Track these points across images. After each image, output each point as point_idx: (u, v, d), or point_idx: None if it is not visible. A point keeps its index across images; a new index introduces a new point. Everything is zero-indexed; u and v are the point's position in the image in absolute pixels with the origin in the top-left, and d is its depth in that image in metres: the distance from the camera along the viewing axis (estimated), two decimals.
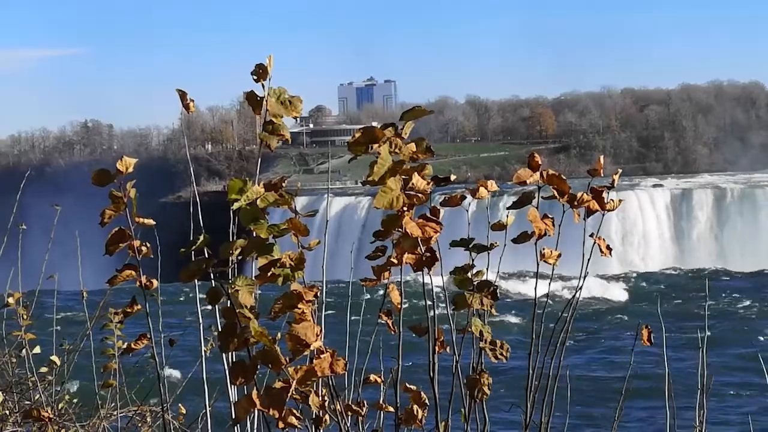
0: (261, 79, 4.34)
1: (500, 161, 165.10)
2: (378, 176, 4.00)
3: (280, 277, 3.95)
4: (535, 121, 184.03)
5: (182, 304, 49.33)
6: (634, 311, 62.12)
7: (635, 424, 28.81)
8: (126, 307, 4.67)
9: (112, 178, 4.45)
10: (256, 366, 3.93)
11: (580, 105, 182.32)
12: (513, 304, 58.19)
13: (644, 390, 27.16)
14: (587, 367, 41.42)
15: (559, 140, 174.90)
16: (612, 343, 49.54)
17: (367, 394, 4.80)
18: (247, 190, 3.90)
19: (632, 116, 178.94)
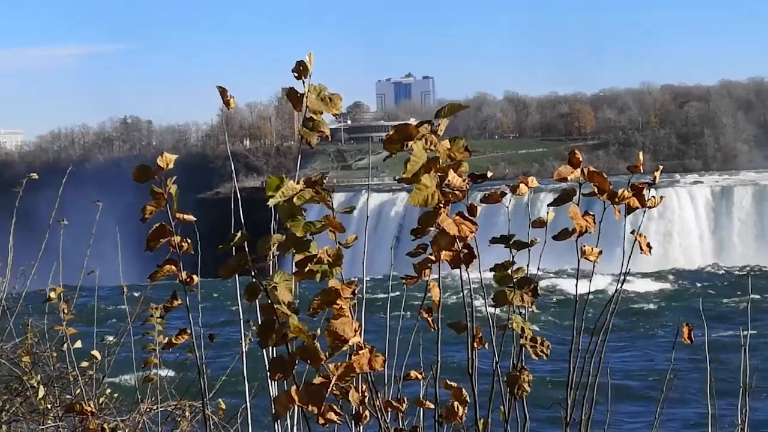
0: (301, 76, 4.33)
1: (538, 158, 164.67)
2: (412, 173, 3.99)
3: (317, 273, 3.95)
4: (574, 117, 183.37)
5: (220, 300, 49.55)
6: (673, 309, 61.78)
7: (676, 423, 28.64)
8: (167, 302, 4.68)
9: (153, 174, 4.46)
10: (295, 362, 3.93)
11: (619, 101, 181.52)
12: (553, 301, 57.97)
13: (685, 388, 27.02)
14: (627, 364, 41.21)
15: (597, 137, 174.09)
16: (652, 341, 49.29)
17: (407, 390, 4.80)
18: (284, 187, 3.90)
19: (671, 112, 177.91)
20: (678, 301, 66.50)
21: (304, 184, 3.98)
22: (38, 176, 8.55)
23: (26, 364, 8.37)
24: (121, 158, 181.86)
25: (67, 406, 5.74)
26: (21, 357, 8.44)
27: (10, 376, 8.38)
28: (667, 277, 78.93)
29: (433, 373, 4.59)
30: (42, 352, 8.70)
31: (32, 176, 8.54)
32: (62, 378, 8.54)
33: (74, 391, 8.36)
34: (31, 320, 8.95)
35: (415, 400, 4.73)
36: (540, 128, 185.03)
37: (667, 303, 66.14)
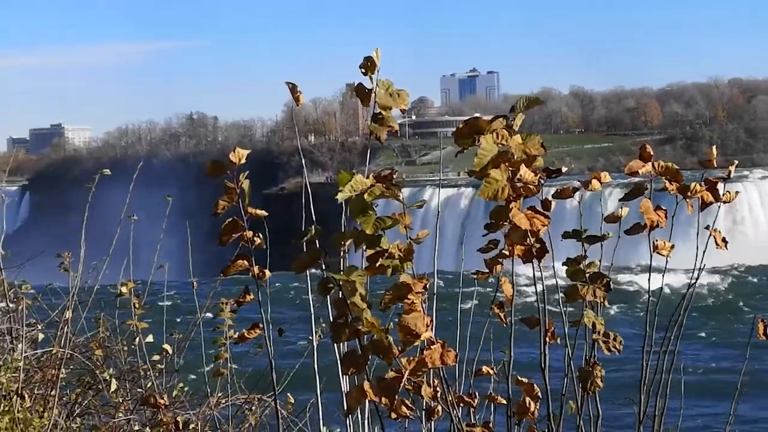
0: (369, 72, 4.34)
1: (604, 153, 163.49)
2: (480, 167, 3.98)
3: (388, 268, 3.96)
4: (640, 111, 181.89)
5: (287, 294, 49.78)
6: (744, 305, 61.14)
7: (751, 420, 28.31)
8: (239, 297, 4.72)
9: (226, 169, 4.50)
10: (368, 356, 3.94)
11: (686, 95, 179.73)
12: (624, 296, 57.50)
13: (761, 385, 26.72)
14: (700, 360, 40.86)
15: (664, 131, 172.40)
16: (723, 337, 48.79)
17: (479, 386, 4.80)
18: (354, 182, 3.91)
19: (739, 106, 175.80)
20: (748, 297, 65.77)
21: (374, 179, 3.99)
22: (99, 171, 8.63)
23: (98, 357, 8.47)
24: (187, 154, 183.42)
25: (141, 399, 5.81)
26: (93, 351, 8.53)
27: (83, 370, 8.48)
28: (737, 272, 78.06)
29: (505, 368, 4.58)
30: (114, 346, 8.79)
31: (105, 172, 8.61)
32: (133, 371, 8.63)
33: (145, 385, 8.44)
34: (102, 314, 9.04)
35: (486, 396, 4.73)
36: (606, 123, 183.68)
37: (738, 298, 65.44)
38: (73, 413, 8.03)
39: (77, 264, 8.48)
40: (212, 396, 8.27)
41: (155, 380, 8.16)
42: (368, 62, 4.33)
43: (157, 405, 5.29)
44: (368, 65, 4.33)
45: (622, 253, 4.86)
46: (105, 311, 9.14)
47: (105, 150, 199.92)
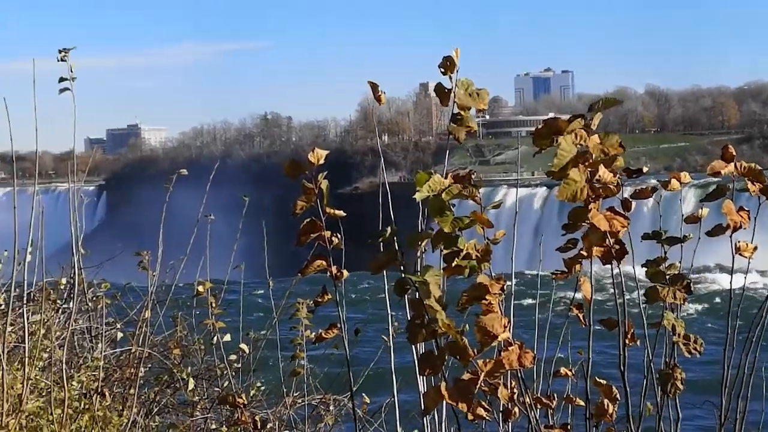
0: (448, 71, 4.32)
1: (680, 152, 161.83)
2: (559, 167, 3.94)
3: (466, 268, 3.94)
4: (717, 111, 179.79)
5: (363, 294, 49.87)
6: None
7: None
8: (317, 297, 4.72)
9: (304, 170, 4.50)
10: (444, 357, 3.93)
11: (764, 94, 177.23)
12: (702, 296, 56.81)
13: None
14: None
15: (741, 131, 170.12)
16: None
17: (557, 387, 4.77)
18: (432, 182, 3.89)
19: None
20: None
21: (452, 179, 3.98)
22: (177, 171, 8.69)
23: (176, 356, 8.54)
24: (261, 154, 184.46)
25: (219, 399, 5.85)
26: (171, 350, 8.61)
27: (161, 369, 8.56)
28: None
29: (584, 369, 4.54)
30: (191, 345, 8.86)
31: (182, 172, 8.68)
32: (210, 371, 8.69)
33: (222, 384, 8.50)
34: (180, 313, 9.12)
35: (565, 397, 4.70)
36: (682, 122, 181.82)
37: None
38: (151, 412, 8.10)
39: (155, 263, 8.56)
40: (288, 396, 8.32)
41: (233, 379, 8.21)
42: (447, 62, 4.32)
43: (236, 404, 5.32)
44: (447, 65, 4.31)
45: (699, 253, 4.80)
46: (182, 310, 9.22)
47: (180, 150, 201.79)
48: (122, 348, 8.24)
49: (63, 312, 8.22)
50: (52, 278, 8.30)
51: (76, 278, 7.84)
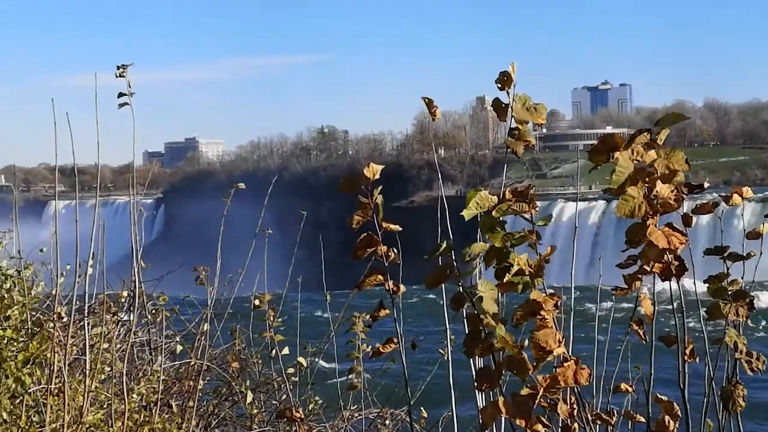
0: (505, 86, 4.31)
1: (740, 166, 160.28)
2: (617, 184, 3.92)
3: (519, 284, 3.94)
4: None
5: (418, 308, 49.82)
6: None
7: None
8: (374, 311, 4.73)
9: (359, 184, 4.51)
10: (502, 372, 3.92)
11: None
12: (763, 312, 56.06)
13: None
14: None
15: None
16: None
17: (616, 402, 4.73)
18: (480, 199, 3.89)
19: None
20: None
21: (511, 194, 3.97)
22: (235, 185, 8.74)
23: (234, 369, 8.57)
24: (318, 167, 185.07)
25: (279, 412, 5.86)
26: (229, 363, 8.64)
27: (219, 382, 8.60)
28: None
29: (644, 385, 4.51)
30: (248, 358, 8.89)
31: (239, 186, 8.72)
32: (268, 384, 8.71)
33: (280, 397, 8.52)
34: (238, 326, 9.16)
35: (625, 413, 4.66)
36: (741, 135, 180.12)
37: None
38: (210, 424, 8.15)
39: (213, 276, 8.61)
40: (346, 409, 8.33)
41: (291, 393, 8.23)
42: (504, 76, 4.31)
43: (294, 418, 5.33)
44: (504, 79, 4.31)
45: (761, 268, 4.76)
46: (240, 323, 9.26)
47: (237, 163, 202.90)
48: (181, 361, 8.29)
49: (123, 325, 8.28)
50: (113, 291, 8.37)
51: (137, 291, 7.91)
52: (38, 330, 6.83)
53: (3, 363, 6.60)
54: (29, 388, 6.57)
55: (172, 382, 8.00)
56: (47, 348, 6.61)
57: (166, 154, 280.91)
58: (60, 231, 7.45)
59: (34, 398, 6.63)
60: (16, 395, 6.60)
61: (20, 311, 6.87)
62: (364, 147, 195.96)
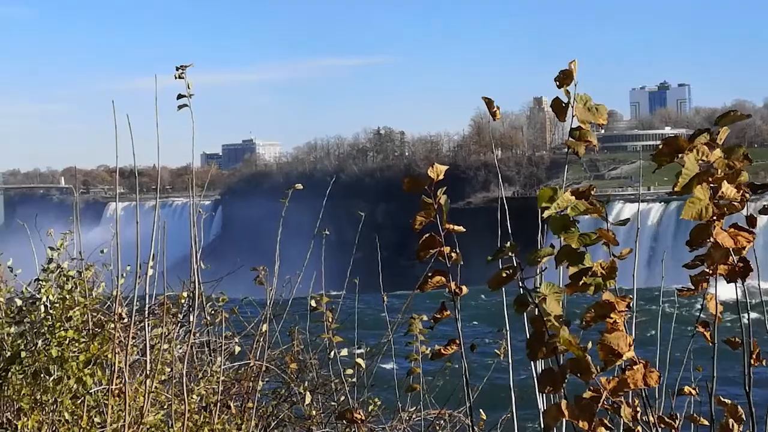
0: (565, 85, 4.27)
1: None
2: (683, 186, 3.86)
3: (591, 286, 3.89)
4: None
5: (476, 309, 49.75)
6: None
7: None
8: (435, 313, 4.70)
9: (423, 185, 4.49)
10: (566, 375, 3.88)
11: None
12: None
13: None
14: None
15: None
16: None
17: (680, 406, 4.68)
18: (558, 198, 3.85)
19: None
20: None
21: (573, 195, 3.93)
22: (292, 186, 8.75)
23: (292, 371, 8.58)
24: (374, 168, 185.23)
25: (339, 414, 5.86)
26: (287, 364, 8.65)
27: (278, 383, 8.61)
28: None
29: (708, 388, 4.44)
30: (307, 360, 8.90)
31: (297, 187, 8.73)
32: (326, 385, 8.72)
33: (338, 398, 8.52)
34: (296, 328, 9.17)
35: (688, 417, 4.60)
36: None
37: None
38: (269, 425, 8.16)
39: (271, 278, 8.62)
40: (404, 411, 8.31)
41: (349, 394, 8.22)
42: (564, 75, 4.27)
43: (354, 420, 5.32)
44: (564, 78, 4.27)
45: None
46: (298, 324, 9.27)
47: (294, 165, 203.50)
48: (240, 362, 8.30)
49: (182, 326, 8.32)
50: (173, 292, 8.41)
51: (196, 292, 7.94)
52: (99, 331, 6.88)
53: (65, 363, 6.66)
54: (91, 388, 6.62)
55: (231, 383, 8.02)
56: (108, 349, 6.66)
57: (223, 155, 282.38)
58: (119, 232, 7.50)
59: (95, 399, 6.68)
60: (78, 396, 6.66)
61: (82, 312, 6.92)
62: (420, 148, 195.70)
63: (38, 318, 6.89)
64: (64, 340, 6.74)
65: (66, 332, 6.75)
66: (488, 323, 31.43)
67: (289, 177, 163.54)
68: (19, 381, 6.75)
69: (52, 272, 7.13)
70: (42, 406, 6.67)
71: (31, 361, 6.72)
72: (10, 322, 7.00)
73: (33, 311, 6.94)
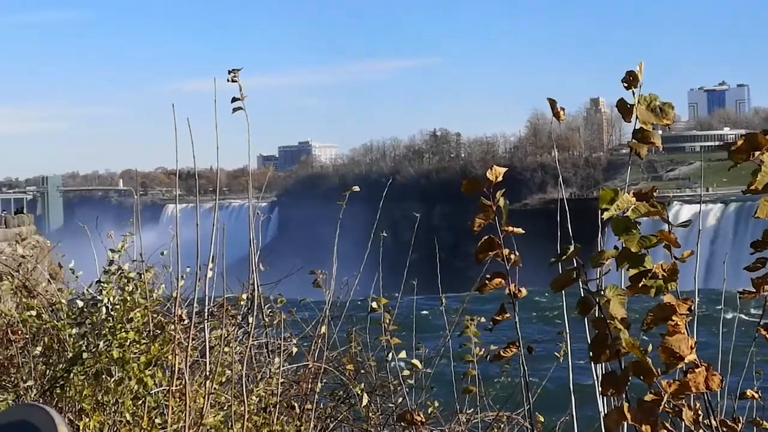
0: (631, 86, 4.24)
1: None
2: (762, 185, 3.81)
3: (652, 288, 3.86)
4: None
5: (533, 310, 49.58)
6: None
7: None
8: (495, 315, 4.69)
9: (482, 186, 4.48)
10: (628, 378, 3.86)
11: None
12: None
13: None
14: None
15: None
16: None
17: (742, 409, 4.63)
18: (619, 200, 3.83)
19: None
20: None
21: (634, 197, 3.90)
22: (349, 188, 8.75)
23: (350, 372, 8.59)
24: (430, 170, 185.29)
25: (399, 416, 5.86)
26: (345, 365, 8.67)
27: (336, 384, 8.63)
28: None
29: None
30: (365, 361, 8.91)
31: (354, 189, 8.74)
32: (384, 386, 8.72)
33: (396, 400, 8.52)
34: (354, 329, 9.19)
35: (751, 420, 4.56)
36: None
37: None
38: (327, 427, 8.18)
39: (329, 279, 8.64)
40: (462, 412, 8.29)
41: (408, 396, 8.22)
42: (630, 76, 4.24)
43: (414, 422, 5.32)
44: (630, 79, 4.24)
45: None
46: (356, 326, 9.28)
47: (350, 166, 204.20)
48: (298, 363, 8.33)
49: (240, 327, 8.36)
50: (231, 293, 8.46)
51: (256, 294, 7.97)
52: (160, 332, 6.93)
53: (126, 365, 6.72)
54: (151, 389, 6.67)
55: (290, 384, 8.05)
56: (169, 350, 6.71)
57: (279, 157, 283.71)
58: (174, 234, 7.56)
59: (155, 399, 6.73)
60: (139, 396, 6.72)
61: (142, 314, 6.98)
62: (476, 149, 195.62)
63: (100, 319, 6.96)
64: (126, 342, 6.80)
65: (127, 334, 6.82)
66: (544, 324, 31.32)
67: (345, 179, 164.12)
68: (81, 382, 6.82)
69: (114, 274, 7.20)
70: (103, 407, 6.74)
71: (92, 362, 6.79)
72: (72, 324, 7.07)
73: (94, 313, 7.01)
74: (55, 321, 7.20)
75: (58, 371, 6.92)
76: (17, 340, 7.13)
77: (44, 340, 7.06)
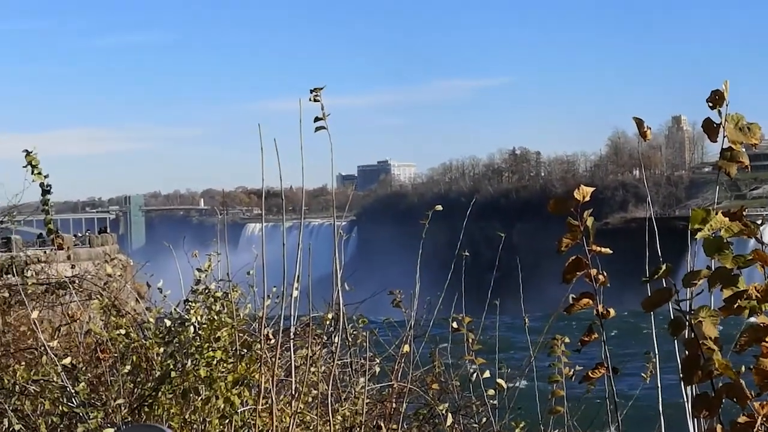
0: (717, 105, 4.21)
1: None
2: None
3: (746, 309, 3.82)
4: None
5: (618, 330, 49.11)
6: None
7: None
8: (583, 335, 4.67)
9: (569, 206, 4.47)
10: (721, 400, 3.81)
11: None
12: None
13: None
14: None
15: None
16: None
17: None
18: (711, 220, 3.79)
19: None
20: None
21: (727, 216, 3.86)
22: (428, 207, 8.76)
23: (434, 392, 8.59)
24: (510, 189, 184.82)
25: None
26: (429, 385, 8.66)
27: (420, 404, 8.63)
28: None
29: None
30: (448, 381, 8.90)
31: (437, 208, 8.75)
32: (468, 407, 8.70)
33: (479, 420, 8.50)
34: (437, 349, 9.18)
35: None
36: None
37: None
38: None
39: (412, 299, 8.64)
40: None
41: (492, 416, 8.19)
42: (716, 95, 4.21)
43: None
44: (716, 98, 4.21)
45: None
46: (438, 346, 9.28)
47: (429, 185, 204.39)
48: (381, 383, 8.34)
49: (325, 346, 8.39)
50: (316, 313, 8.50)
51: (341, 314, 8.00)
52: (246, 351, 6.98)
53: (213, 383, 6.77)
54: (238, 408, 6.71)
55: (374, 404, 8.06)
56: (255, 369, 6.75)
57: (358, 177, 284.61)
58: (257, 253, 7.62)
59: (242, 418, 6.77)
60: (226, 415, 6.76)
61: (229, 333, 7.04)
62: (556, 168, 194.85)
63: (187, 338, 7.02)
64: (213, 361, 6.85)
65: (214, 353, 6.87)
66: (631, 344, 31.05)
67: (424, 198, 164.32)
68: (169, 400, 6.88)
69: (201, 293, 7.26)
70: (191, 426, 6.79)
71: (180, 381, 6.85)
72: (160, 343, 7.15)
73: (182, 332, 7.08)
74: (143, 340, 7.28)
75: (146, 390, 6.99)
76: (106, 358, 7.21)
77: (132, 359, 7.14)
